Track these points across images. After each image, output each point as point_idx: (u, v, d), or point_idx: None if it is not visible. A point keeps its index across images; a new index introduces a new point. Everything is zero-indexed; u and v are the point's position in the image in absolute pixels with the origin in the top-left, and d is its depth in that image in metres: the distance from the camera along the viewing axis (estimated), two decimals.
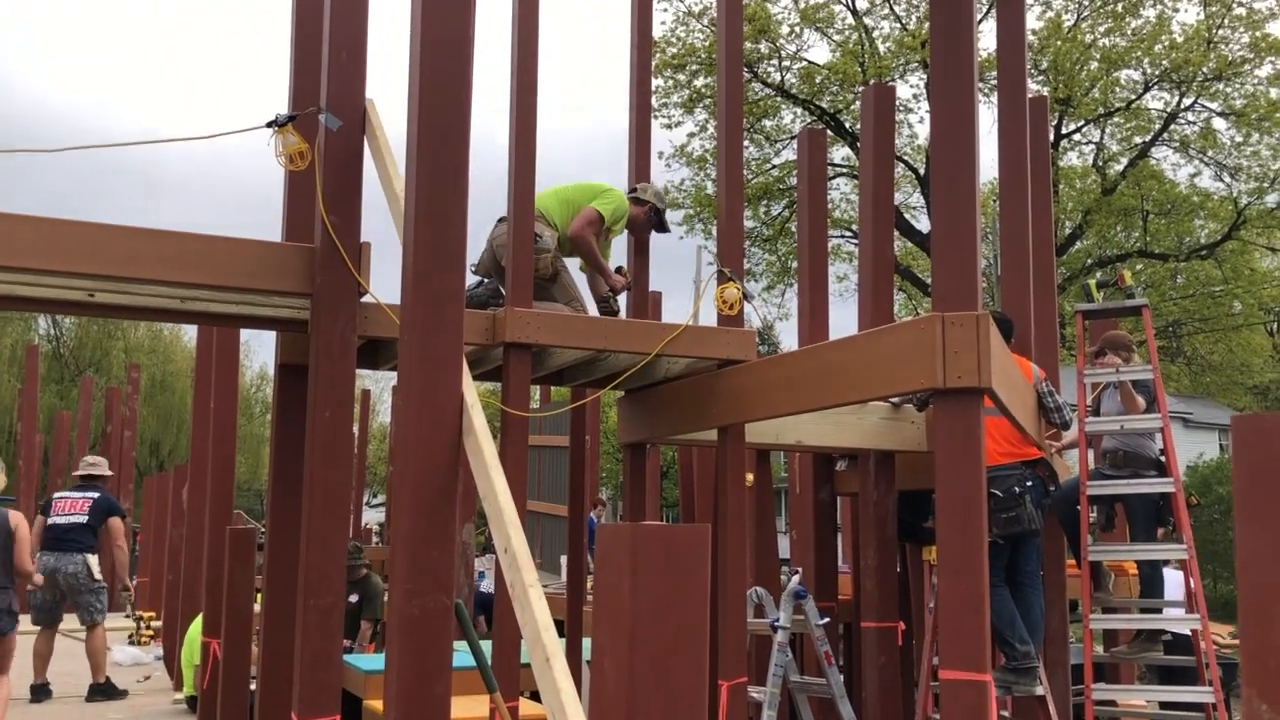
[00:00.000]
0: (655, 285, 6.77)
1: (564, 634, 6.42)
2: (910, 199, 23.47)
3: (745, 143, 15.66)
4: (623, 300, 6.20)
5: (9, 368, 32.13)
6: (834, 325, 7.33)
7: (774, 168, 23.26)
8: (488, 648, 4.86)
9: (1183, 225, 23.34)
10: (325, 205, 4.21)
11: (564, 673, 2.85)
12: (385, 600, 8.76)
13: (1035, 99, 6.90)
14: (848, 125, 22.16)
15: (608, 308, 6.08)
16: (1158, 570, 6.38)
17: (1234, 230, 22.58)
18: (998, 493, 5.51)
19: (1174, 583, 6.71)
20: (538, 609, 3.05)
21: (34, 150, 4.63)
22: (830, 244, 14.44)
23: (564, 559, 11.22)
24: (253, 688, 5.39)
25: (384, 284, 4.40)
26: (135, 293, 4.36)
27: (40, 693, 8.55)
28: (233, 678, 5.89)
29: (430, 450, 3.60)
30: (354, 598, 8.68)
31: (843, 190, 23.44)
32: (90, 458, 9.82)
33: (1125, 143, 23.39)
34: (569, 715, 2.75)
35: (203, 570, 7.67)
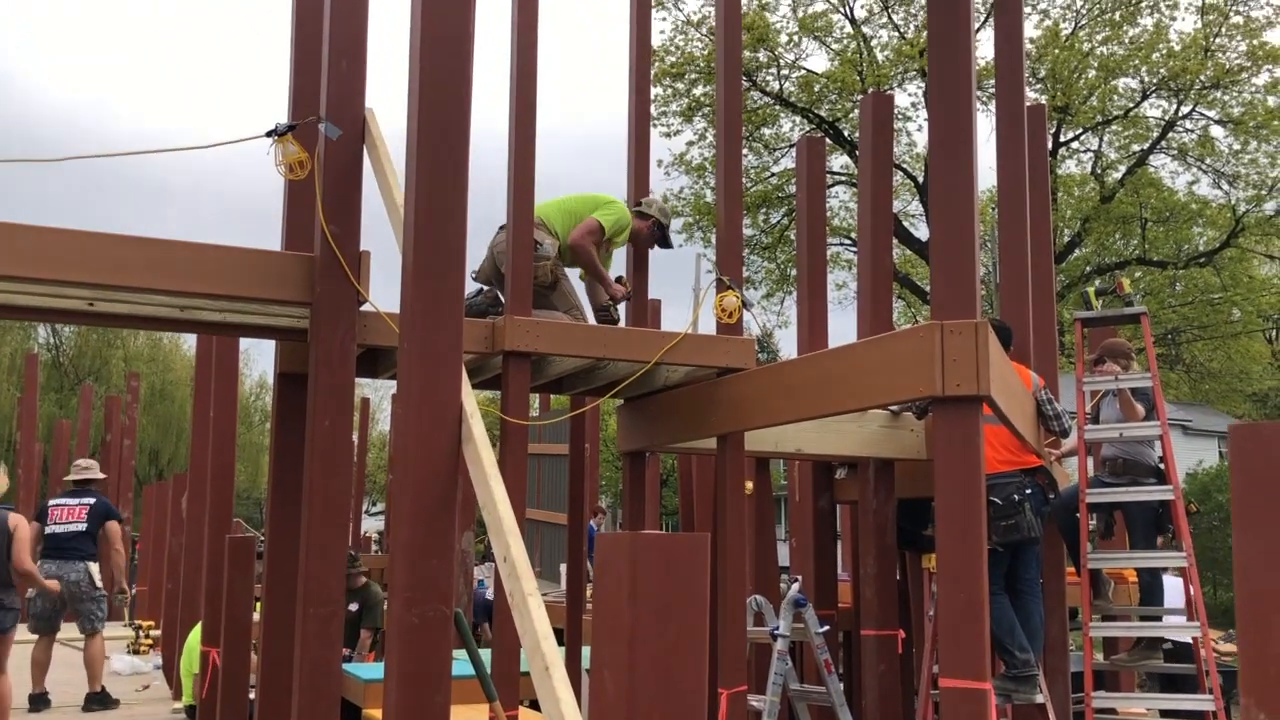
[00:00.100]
0: (654, 293, 6.77)
1: (563, 642, 6.42)
2: (909, 207, 23.51)
3: (744, 151, 15.67)
4: (622, 309, 6.21)
5: (8, 376, 32.08)
6: (833, 333, 7.35)
7: (773, 176, 23.30)
8: (487, 656, 4.85)
9: (1181, 233, 23.37)
10: (325, 214, 4.22)
11: (563, 681, 2.85)
12: (385, 609, 8.77)
13: (1033, 107, 6.92)
14: (846, 133, 22.20)
15: (607, 317, 6.08)
16: (1157, 578, 6.38)
17: (1232, 238, 22.62)
18: (997, 500, 5.52)
19: (1174, 590, 6.71)
20: (537, 618, 3.05)
21: (34, 160, 4.63)
22: (829, 252, 14.47)
23: (563, 567, 11.21)
24: (252, 697, 5.38)
25: (383, 292, 4.42)
26: (135, 302, 4.37)
27: (38, 702, 8.53)
28: (232, 687, 5.87)
29: (429, 459, 3.60)
30: (353, 606, 8.67)
31: (842, 198, 23.49)
32: (82, 461, 9.68)
33: (1123, 150, 23.44)
34: None
35: (202, 579, 7.65)
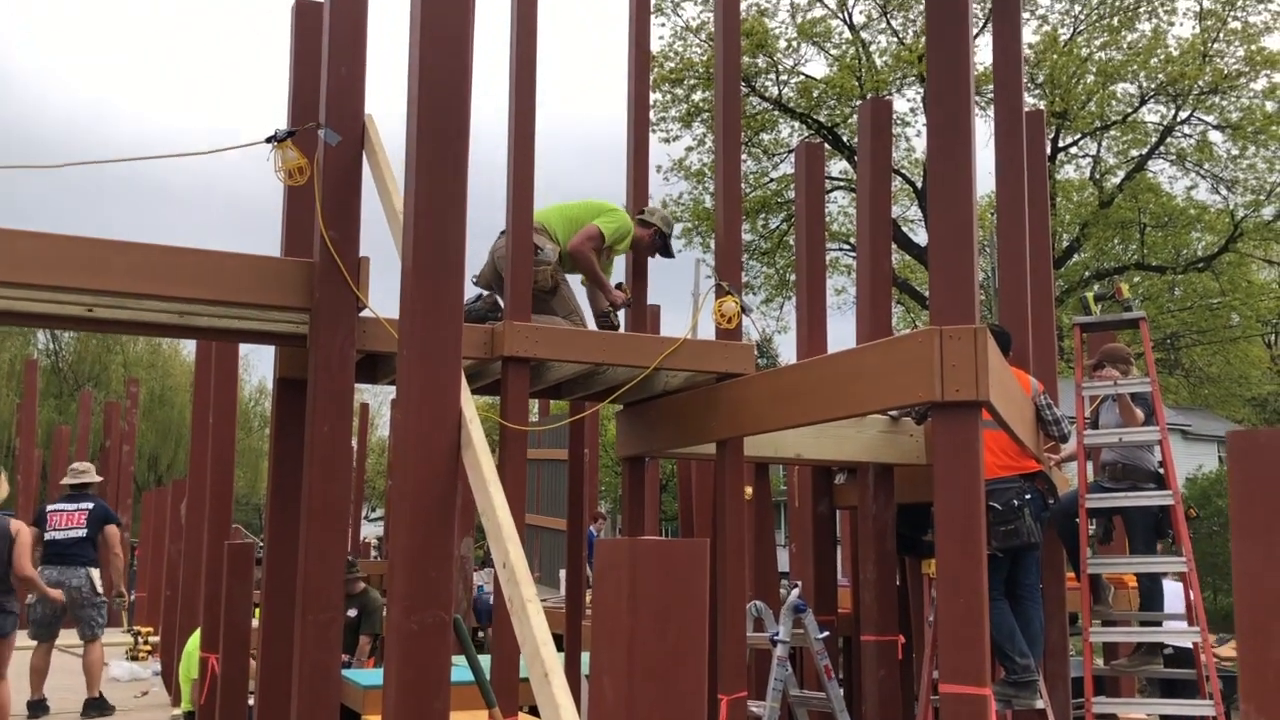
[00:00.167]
0: (653, 299, 6.77)
1: (563, 648, 6.41)
2: (908, 212, 23.52)
3: (743, 156, 15.67)
4: (621, 316, 6.21)
5: (7, 382, 32.08)
6: (832, 338, 7.35)
7: (772, 181, 23.31)
8: (486, 663, 4.85)
9: (1180, 238, 23.40)
10: (324, 220, 4.23)
11: (563, 688, 2.85)
12: (383, 614, 8.75)
13: (1032, 112, 6.93)
14: (845, 139, 22.22)
15: (607, 323, 6.08)
16: (1157, 583, 6.38)
17: (1231, 243, 22.64)
18: (997, 506, 5.51)
19: (1174, 595, 6.71)
20: (536, 624, 3.05)
21: (33, 166, 4.64)
22: (828, 257, 14.45)
23: (563, 573, 11.20)
24: (251, 703, 5.37)
25: (383, 298, 4.41)
26: (134, 308, 4.37)
27: (37, 709, 8.51)
28: (231, 693, 5.87)
29: (429, 464, 3.60)
30: (352, 612, 8.65)
31: (841, 203, 23.51)
32: (78, 465, 9.52)
33: (1122, 156, 23.46)
34: None
35: (201, 585, 7.65)
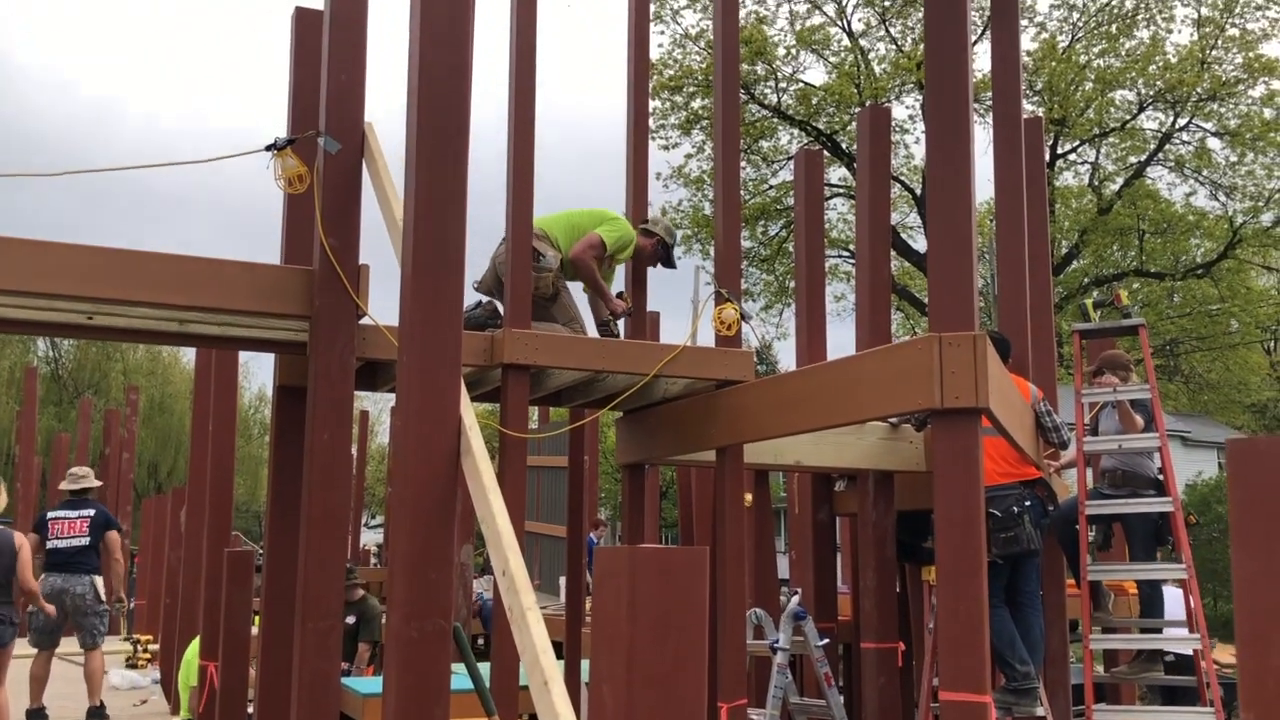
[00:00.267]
0: (653, 305, 6.78)
1: (562, 656, 6.40)
2: (907, 219, 23.55)
3: (742, 163, 15.67)
4: (621, 324, 6.21)
5: (7, 390, 32.08)
6: (832, 345, 7.36)
7: (771, 188, 23.34)
8: (486, 670, 4.84)
9: (1179, 244, 23.41)
10: (324, 228, 4.23)
11: (562, 696, 2.85)
12: (382, 621, 8.74)
13: (1030, 119, 6.95)
14: (844, 146, 22.24)
15: (607, 332, 6.09)
16: (1157, 590, 6.37)
17: (1230, 249, 22.66)
18: (996, 513, 5.51)
19: (1174, 601, 6.70)
20: (536, 632, 3.05)
21: (32, 174, 4.65)
22: (828, 264, 14.46)
23: (563, 580, 11.18)
24: (250, 711, 5.36)
25: (383, 306, 4.42)
26: (134, 315, 4.37)
27: (36, 717, 8.49)
28: (230, 701, 5.86)
29: (428, 472, 3.60)
30: (350, 619, 8.64)
31: (840, 210, 23.53)
32: (77, 469, 9.40)
33: (1120, 162, 23.49)
34: None
35: (200, 592, 7.64)
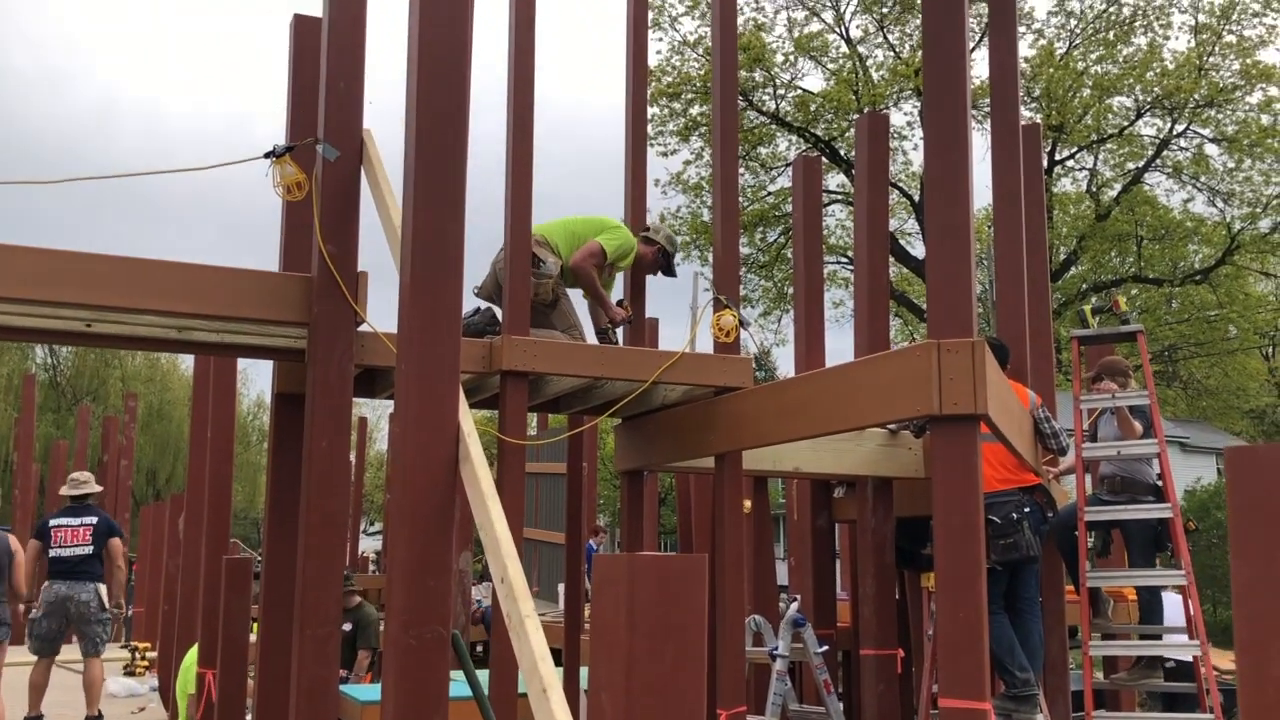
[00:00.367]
0: (651, 312, 6.78)
1: (561, 663, 6.39)
2: (905, 225, 23.56)
3: (740, 170, 15.69)
4: (620, 333, 6.21)
5: (5, 396, 32.07)
6: (830, 351, 7.36)
7: (769, 195, 23.36)
8: (485, 678, 4.84)
9: (1177, 250, 23.44)
10: (322, 235, 4.23)
11: (561, 704, 2.84)
12: (379, 628, 8.72)
13: (1028, 126, 6.96)
14: (842, 152, 22.27)
15: (606, 339, 6.08)
16: (1157, 596, 6.37)
17: (1228, 255, 22.68)
18: (995, 519, 5.51)
19: (1174, 607, 6.69)
20: (534, 639, 3.04)
21: (33, 182, 4.65)
22: (826, 270, 14.46)
23: (561, 587, 11.17)
24: (249, 719, 5.35)
25: (381, 313, 4.41)
26: (133, 323, 4.37)
27: None
28: (228, 709, 5.84)
29: (427, 478, 3.59)
30: (347, 626, 8.62)
31: (838, 217, 23.55)
32: (79, 475, 9.34)
33: (1118, 169, 23.53)
34: None
35: (199, 600, 7.62)
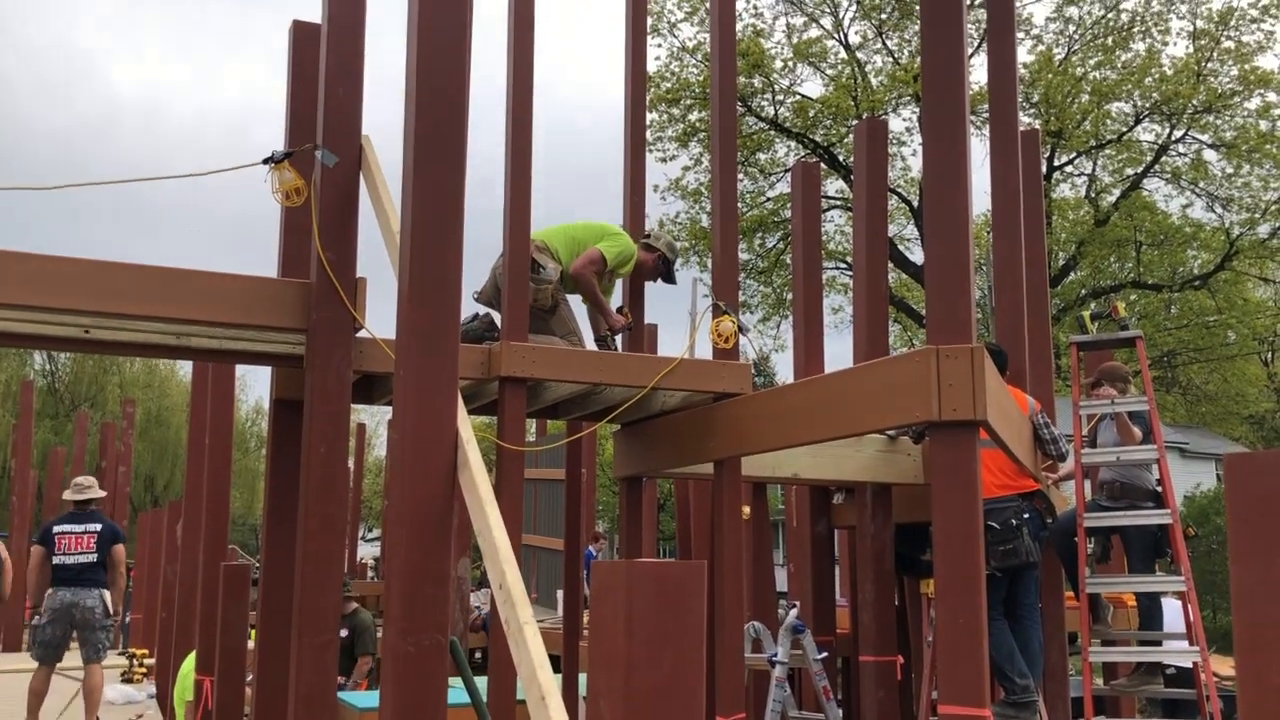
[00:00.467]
0: (650, 318, 6.78)
1: (560, 670, 6.37)
2: (904, 231, 23.58)
3: (739, 176, 15.71)
4: (619, 338, 6.21)
5: (3, 403, 32.07)
6: (829, 357, 7.35)
7: (768, 200, 23.38)
8: (483, 684, 4.82)
9: (1176, 256, 23.47)
10: (321, 241, 4.23)
11: (560, 710, 2.83)
12: (375, 634, 8.70)
13: (1027, 132, 6.96)
14: (841, 158, 22.29)
15: (605, 346, 6.08)
16: (1156, 602, 6.35)
17: (1226, 261, 22.70)
18: (995, 525, 5.50)
19: (1173, 613, 6.68)
20: (533, 646, 3.03)
21: (31, 188, 4.65)
22: (825, 276, 14.47)
23: (560, 593, 11.15)
24: None
25: (379, 319, 4.41)
26: (131, 329, 4.36)
27: None
28: (226, 716, 5.82)
29: (425, 485, 3.59)
30: (344, 632, 8.60)
31: (837, 222, 23.57)
32: (82, 479, 9.32)
33: (1117, 174, 23.56)
34: None
35: (197, 606, 7.60)
